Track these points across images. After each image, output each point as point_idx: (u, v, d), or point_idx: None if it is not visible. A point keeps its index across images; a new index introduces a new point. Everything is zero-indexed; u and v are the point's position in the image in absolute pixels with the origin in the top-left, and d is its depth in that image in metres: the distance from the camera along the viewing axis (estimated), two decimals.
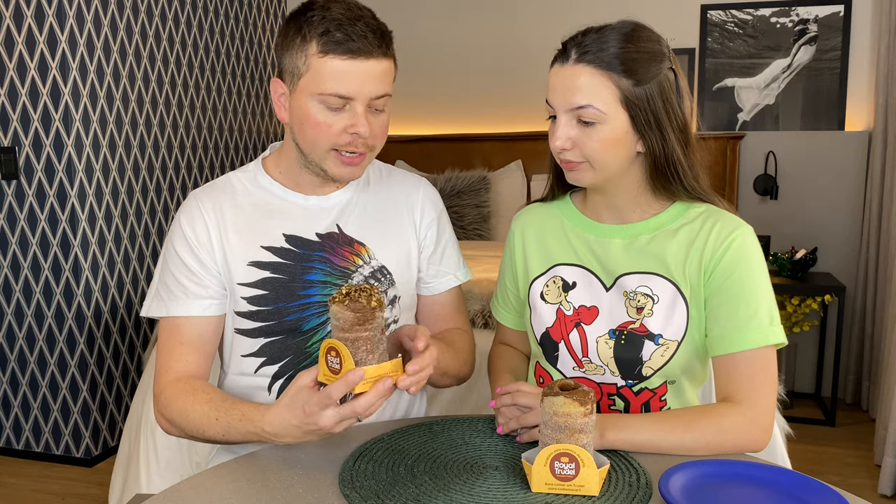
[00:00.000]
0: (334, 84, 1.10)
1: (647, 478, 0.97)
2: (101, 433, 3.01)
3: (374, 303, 0.92)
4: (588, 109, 1.07)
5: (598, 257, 1.19)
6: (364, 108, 1.12)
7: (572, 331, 1.18)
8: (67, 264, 2.87)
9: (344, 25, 1.09)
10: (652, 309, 1.13)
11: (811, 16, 3.46)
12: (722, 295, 1.11)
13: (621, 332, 1.15)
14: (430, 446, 1.08)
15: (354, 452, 1.05)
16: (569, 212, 1.26)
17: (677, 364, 1.14)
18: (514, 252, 1.30)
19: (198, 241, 1.20)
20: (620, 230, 1.19)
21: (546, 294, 1.22)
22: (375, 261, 1.24)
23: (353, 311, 0.91)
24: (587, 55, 1.07)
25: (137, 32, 3.11)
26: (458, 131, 4.01)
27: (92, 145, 2.89)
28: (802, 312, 3.29)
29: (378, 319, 0.92)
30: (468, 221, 3.62)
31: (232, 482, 0.99)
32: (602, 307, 1.17)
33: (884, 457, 2.56)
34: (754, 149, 3.55)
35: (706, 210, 1.17)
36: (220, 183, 1.26)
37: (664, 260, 1.15)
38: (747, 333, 1.09)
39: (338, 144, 1.14)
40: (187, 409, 1.11)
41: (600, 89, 1.07)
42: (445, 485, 0.95)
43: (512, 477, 0.98)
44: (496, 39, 3.95)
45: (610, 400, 1.18)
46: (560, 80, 1.10)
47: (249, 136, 3.95)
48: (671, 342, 1.13)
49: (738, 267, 1.11)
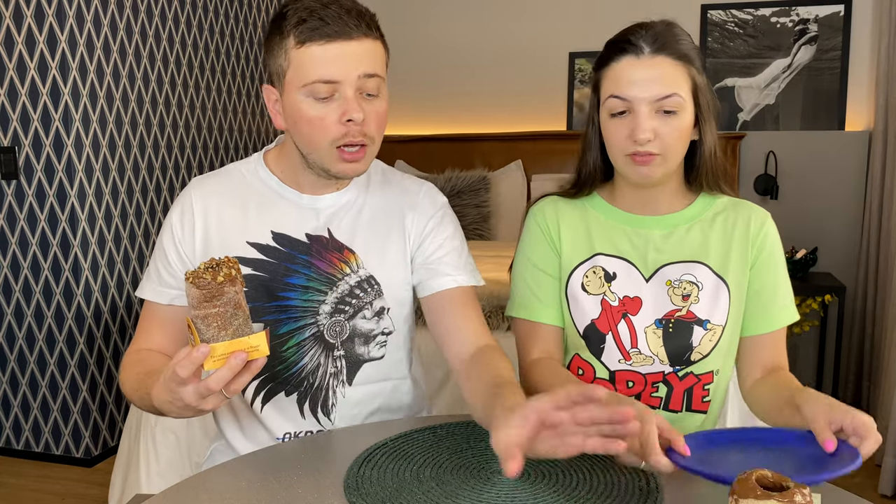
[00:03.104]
0: (317, 71, 1.08)
1: (656, 482, 0.97)
2: (101, 433, 3.00)
3: (221, 278, 0.88)
4: (674, 98, 1.11)
5: (637, 248, 1.22)
6: (354, 92, 1.09)
7: (620, 322, 1.20)
8: (67, 264, 2.86)
9: (316, 11, 1.07)
10: (698, 296, 1.18)
11: (811, 16, 3.46)
12: (763, 279, 1.21)
13: (668, 320, 1.19)
14: (435, 451, 1.07)
15: (358, 458, 1.05)
16: (600, 205, 1.26)
17: (723, 349, 1.20)
18: (549, 233, 1.24)
19: (182, 236, 1.20)
20: (658, 221, 1.22)
21: (587, 285, 1.22)
22: (363, 270, 1.21)
23: (198, 287, 0.87)
24: (665, 48, 1.12)
25: (137, 32, 3.10)
26: (458, 131, 4.01)
27: (92, 145, 2.89)
28: (802, 312, 3.29)
29: (228, 294, 0.88)
30: (468, 221, 3.61)
31: (232, 482, 0.99)
32: (644, 297, 1.20)
33: (884, 457, 2.56)
34: (754, 149, 3.55)
35: (729, 201, 1.24)
36: (222, 172, 1.26)
37: (706, 248, 1.20)
38: (783, 312, 1.21)
39: (335, 139, 1.10)
40: (129, 377, 1.14)
41: (681, 79, 1.12)
42: (453, 491, 0.95)
43: (519, 482, 0.97)
44: (496, 39, 3.94)
45: (653, 388, 1.21)
46: (639, 72, 1.12)
47: (249, 136, 3.94)
48: (717, 327, 1.19)
49: (774, 253, 1.21)
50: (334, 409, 1.23)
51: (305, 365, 1.20)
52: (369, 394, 1.25)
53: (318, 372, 1.21)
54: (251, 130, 3.96)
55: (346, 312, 1.21)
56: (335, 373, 1.22)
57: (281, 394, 1.22)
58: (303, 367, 1.20)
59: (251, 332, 0.92)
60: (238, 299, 0.90)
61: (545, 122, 3.91)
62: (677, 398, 1.21)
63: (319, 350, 1.21)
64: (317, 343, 1.20)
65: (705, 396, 1.21)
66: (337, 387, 1.22)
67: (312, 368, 1.21)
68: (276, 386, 1.22)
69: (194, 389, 0.91)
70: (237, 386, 0.92)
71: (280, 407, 1.22)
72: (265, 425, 1.24)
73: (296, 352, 1.20)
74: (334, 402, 1.23)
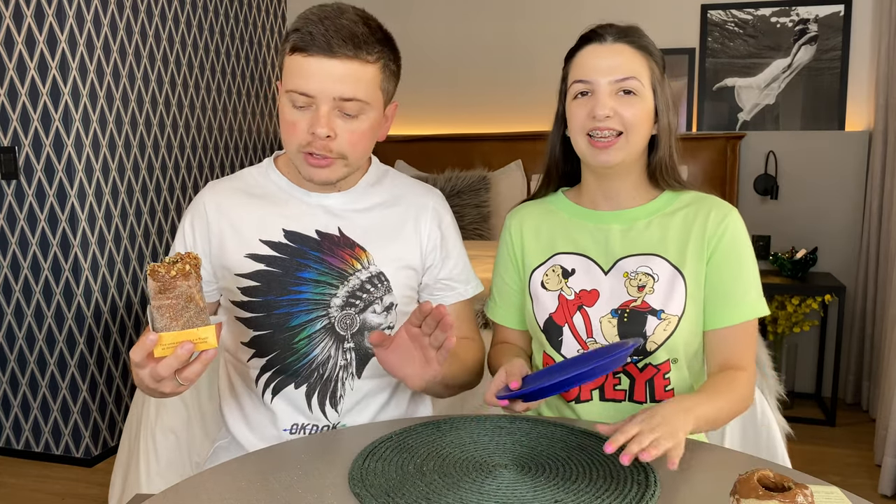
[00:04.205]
0: (295, 81, 1.13)
1: (655, 476, 0.97)
2: (101, 433, 3.00)
3: (174, 272, 0.94)
4: (631, 80, 1.19)
5: (597, 243, 1.27)
6: (328, 110, 1.13)
7: (575, 314, 1.24)
8: (67, 264, 2.86)
9: (311, 24, 1.11)
10: (653, 287, 1.21)
11: (811, 16, 3.46)
12: (721, 273, 1.21)
13: (623, 310, 1.22)
14: (439, 445, 1.08)
15: (363, 451, 1.05)
16: (564, 204, 1.34)
17: (680, 339, 1.21)
18: (513, 246, 1.35)
19: (194, 241, 1.27)
20: (618, 216, 1.27)
21: (546, 282, 1.29)
22: (374, 266, 1.25)
23: (154, 280, 0.94)
24: (627, 38, 1.21)
25: (137, 32, 3.11)
26: (458, 131, 4.01)
27: (92, 145, 2.89)
28: (802, 312, 3.29)
29: (180, 288, 0.94)
30: (468, 221, 3.61)
31: (232, 482, 0.99)
32: (602, 290, 1.24)
33: (884, 457, 2.56)
34: (754, 149, 3.56)
35: (695, 195, 1.27)
36: (235, 176, 1.32)
37: (664, 242, 1.23)
38: (743, 307, 1.21)
39: (301, 145, 1.16)
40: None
41: (640, 66, 1.20)
42: (455, 483, 0.95)
43: (521, 475, 0.97)
44: (496, 39, 3.95)
45: (616, 379, 1.24)
46: (601, 56, 1.20)
47: (249, 136, 3.94)
48: (672, 317, 1.20)
49: (735, 247, 1.22)
50: (342, 400, 1.26)
51: (316, 357, 1.24)
52: (376, 387, 1.29)
53: (329, 364, 1.24)
54: (251, 130, 3.96)
55: (357, 306, 1.24)
56: (345, 365, 1.25)
57: (290, 386, 1.25)
58: (313, 358, 1.24)
59: (204, 324, 0.97)
60: (191, 293, 0.95)
61: (545, 122, 3.88)
62: (640, 389, 1.24)
63: (330, 342, 1.24)
64: (328, 335, 1.24)
65: (667, 385, 1.23)
66: (346, 379, 1.26)
67: (323, 360, 1.24)
68: (286, 378, 1.25)
69: (149, 373, 0.97)
70: (188, 374, 0.97)
71: (289, 399, 1.25)
72: (273, 418, 1.26)
73: (307, 343, 1.23)
74: (342, 394, 1.26)
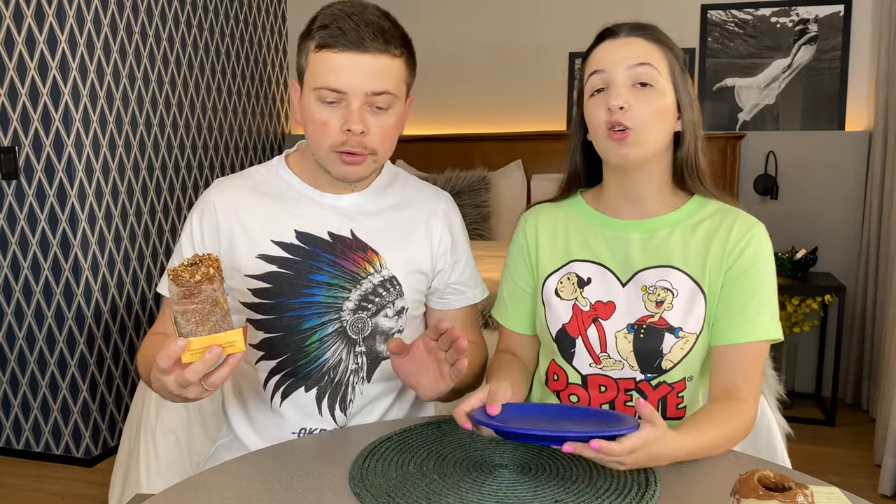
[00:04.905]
0: (327, 78, 1.12)
1: (654, 477, 0.97)
2: (101, 433, 3.00)
3: (199, 276, 0.92)
4: (647, 68, 1.11)
5: (614, 253, 1.20)
6: (360, 105, 1.13)
7: (590, 326, 1.18)
8: (67, 264, 2.86)
9: (339, 19, 1.11)
10: (672, 303, 1.14)
11: (811, 16, 3.46)
12: (736, 288, 1.14)
13: (640, 325, 1.15)
14: (439, 445, 1.08)
15: (363, 451, 1.05)
16: (582, 209, 1.26)
17: (696, 357, 1.16)
18: (528, 248, 1.28)
19: (202, 237, 1.25)
20: (638, 225, 1.20)
21: (561, 290, 1.22)
22: (386, 270, 1.24)
23: (178, 285, 0.91)
24: (642, 32, 1.14)
25: (137, 32, 3.11)
26: (458, 131, 4.01)
27: (92, 145, 2.89)
28: (802, 312, 3.30)
29: (205, 293, 0.92)
30: (468, 221, 3.61)
31: (232, 482, 0.99)
32: (619, 302, 1.17)
33: (884, 457, 2.56)
34: (754, 149, 3.56)
35: (721, 207, 1.20)
36: (243, 174, 1.30)
37: (685, 255, 1.16)
38: (756, 327, 1.12)
39: (334, 144, 1.14)
40: (142, 359, 1.20)
41: (656, 56, 1.13)
42: (455, 483, 0.95)
43: (521, 476, 0.98)
44: (496, 39, 3.95)
45: (627, 396, 1.18)
46: (615, 50, 1.14)
47: (249, 136, 3.94)
48: (690, 335, 1.14)
49: (755, 263, 1.14)
50: (351, 404, 1.25)
51: (327, 360, 1.23)
52: (384, 390, 1.28)
53: (340, 367, 1.23)
54: (251, 130, 3.96)
55: (369, 310, 1.23)
56: (356, 369, 1.24)
57: (300, 389, 1.24)
58: (324, 361, 1.23)
59: (229, 327, 0.95)
60: (216, 297, 0.94)
61: (545, 122, 3.91)
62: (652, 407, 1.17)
63: (342, 346, 1.23)
64: (339, 339, 1.23)
65: (679, 403, 1.18)
66: (357, 383, 1.25)
67: (334, 364, 1.23)
68: (296, 381, 1.24)
69: (175, 379, 0.95)
70: (215, 379, 0.96)
71: (298, 402, 1.24)
72: (280, 421, 1.25)
73: (318, 347, 1.22)
74: (352, 397, 1.25)
